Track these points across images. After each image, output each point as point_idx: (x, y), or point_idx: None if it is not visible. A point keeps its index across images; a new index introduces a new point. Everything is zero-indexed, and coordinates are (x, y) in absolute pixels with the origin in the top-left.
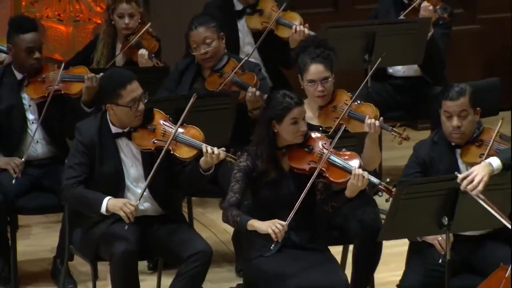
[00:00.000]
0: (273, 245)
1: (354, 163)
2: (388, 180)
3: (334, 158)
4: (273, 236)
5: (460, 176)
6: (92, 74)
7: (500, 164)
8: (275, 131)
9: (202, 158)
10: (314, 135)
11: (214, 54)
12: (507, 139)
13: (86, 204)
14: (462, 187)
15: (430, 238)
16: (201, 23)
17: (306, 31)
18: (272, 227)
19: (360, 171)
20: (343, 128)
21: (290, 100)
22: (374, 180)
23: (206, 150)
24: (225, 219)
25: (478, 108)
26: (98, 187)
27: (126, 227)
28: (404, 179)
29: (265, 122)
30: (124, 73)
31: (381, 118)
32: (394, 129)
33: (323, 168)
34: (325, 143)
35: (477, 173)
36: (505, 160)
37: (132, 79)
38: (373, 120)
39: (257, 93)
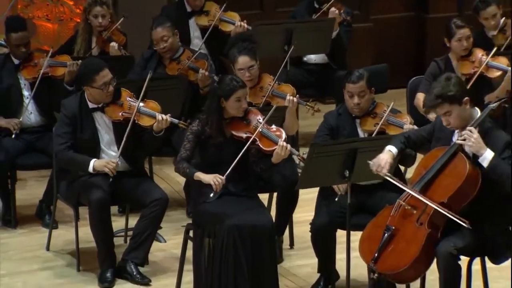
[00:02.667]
0: (212, 194)
1: (281, 136)
2: (304, 153)
3: (265, 131)
4: (214, 186)
5: (371, 162)
6: (73, 61)
7: (397, 150)
8: (223, 106)
9: (155, 124)
10: (252, 111)
11: (171, 48)
12: (396, 112)
13: (76, 166)
14: (374, 171)
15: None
16: (159, 24)
17: (246, 25)
18: (214, 179)
19: (285, 143)
20: (274, 108)
21: (236, 83)
22: (294, 151)
23: (159, 118)
24: (177, 170)
25: (373, 88)
26: (79, 150)
27: (111, 179)
28: (316, 139)
29: (215, 98)
30: (97, 62)
31: (297, 95)
32: (308, 103)
33: (256, 138)
34: (260, 119)
35: (382, 158)
36: (398, 146)
37: (104, 67)
38: (292, 97)
39: (206, 73)
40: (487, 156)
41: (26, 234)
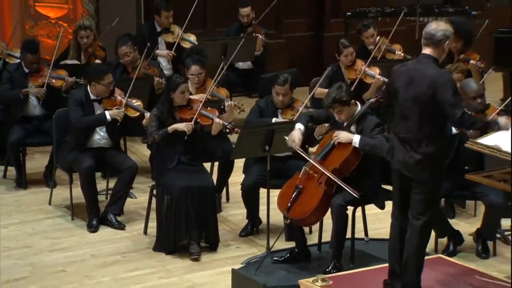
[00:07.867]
0: (186, 137)
1: (216, 115)
2: (232, 123)
3: (204, 112)
4: (187, 131)
5: (287, 138)
6: (71, 78)
7: (303, 126)
8: (171, 97)
9: (144, 121)
10: (193, 100)
11: (132, 60)
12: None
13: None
14: (289, 145)
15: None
16: (123, 43)
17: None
18: (186, 126)
19: (218, 119)
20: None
21: (180, 80)
22: (225, 123)
23: (147, 116)
24: (152, 140)
25: (293, 89)
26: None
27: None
28: (250, 116)
29: (166, 92)
30: (105, 67)
31: (232, 101)
32: (236, 105)
33: (197, 118)
34: (199, 105)
35: (295, 135)
36: (304, 123)
37: (109, 72)
38: (230, 102)
39: (160, 80)
40: (355, 140)
41: (34, 193)
